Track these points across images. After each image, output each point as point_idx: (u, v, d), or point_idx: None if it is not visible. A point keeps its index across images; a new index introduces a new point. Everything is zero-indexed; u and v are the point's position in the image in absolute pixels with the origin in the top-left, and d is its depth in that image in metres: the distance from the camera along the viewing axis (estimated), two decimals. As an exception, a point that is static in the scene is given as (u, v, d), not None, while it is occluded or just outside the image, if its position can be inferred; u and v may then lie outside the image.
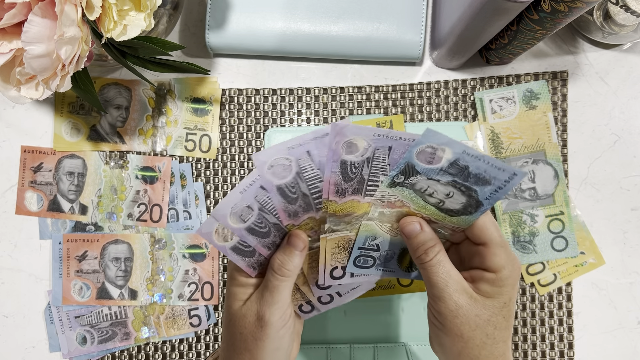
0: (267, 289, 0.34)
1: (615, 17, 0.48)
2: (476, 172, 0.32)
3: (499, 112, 0.52)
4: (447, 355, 0.34)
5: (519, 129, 0.52)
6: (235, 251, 0.34)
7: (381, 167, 0.34)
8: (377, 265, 0.39)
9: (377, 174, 0.34)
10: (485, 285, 0.33)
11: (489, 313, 0.32)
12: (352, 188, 0.34)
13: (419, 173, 0.33)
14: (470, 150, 0.31)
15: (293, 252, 0.34)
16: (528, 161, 0.52)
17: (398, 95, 0.54)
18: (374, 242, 0.38)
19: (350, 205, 0.35)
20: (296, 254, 0.34)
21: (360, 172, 0.34)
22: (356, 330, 0.51)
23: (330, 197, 0.34)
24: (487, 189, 0.32)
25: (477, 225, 0.34)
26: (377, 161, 0.34)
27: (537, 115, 0.52)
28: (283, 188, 0.34)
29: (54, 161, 0.53)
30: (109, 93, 0.54)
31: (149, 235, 0.52)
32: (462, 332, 0.32)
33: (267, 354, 0.34)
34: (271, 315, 0.33)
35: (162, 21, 0.51)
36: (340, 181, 0.34)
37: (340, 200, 0.35)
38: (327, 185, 0.34)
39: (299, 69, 0.54)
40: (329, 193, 0.34)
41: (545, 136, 0.52)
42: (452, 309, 0.32)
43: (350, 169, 0.34)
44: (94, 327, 0.52)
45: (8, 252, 0.53)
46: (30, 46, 0.35)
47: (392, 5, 0.51)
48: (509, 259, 0.33)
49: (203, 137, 0.53)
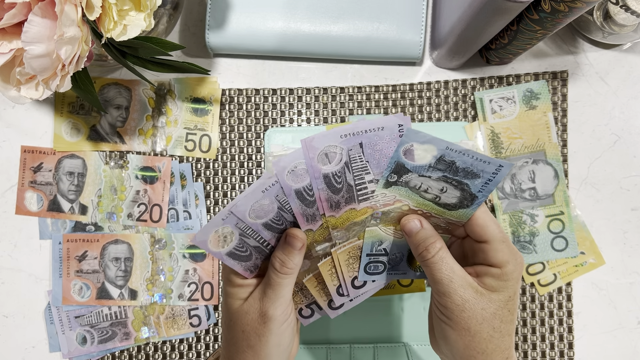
0: (269, 286, 0.35)
1: (615, 17, 0.48)
2: (464, 167, 0.33)
3: (499, 112, 0.52)
4: (453, 350, 0.34)
5: (519, 129, 0.52)
6: (232, 256, 0.35)
7: (361, 167, 0.34)
8: (389, 270, 0.39)
9: (360, 175, 0.34)
10: (490, 280, 0.33)
11: (495, 307, 0.32)
12: (344, 198, 0.35)
13: (410, 171, 0.34)
14: (453, 146, 0.32)
15: (292, 252, 0.34)
16: (528, 161, 0.52)
17: (398, 95, 0.54)
18: (381, 247, 0.38)
19: (348, 215, 0.35)
20: (295, 253, 0.34)
21: (344, 179, 0.34)
22: (356, 330, 0.51)
23: (327, 213, 0.35)
24: (478, 181, 0.33)
25: (478, 223, 0.34)
26: (355, 162, 0.34)
27: (537, 115, 0.52)
28: (330, 177, 0.34)
29: (54, 161, 0.53)
30: (109, 93, 0.54)
31: (149, 235, 0.52)
32: (469, 326, 0.32)
33: (270, 349, 0.35)
34: (274, 310, 0.34)
35: (162, 21, 0.51)
36: (330, 195, 0.34)
37: (338, 213, 0.35)
38: (320, 202, 0.34)
39: (299, 69, 0.54)
40: (324, 210, 0.35)
41: (545, 136, 0.52)
42: (459, 304, 0.32)
43: (334, 180, 0.34)
44: (94, 327, 0.52)
45: (8, 252, 0.53)
46: (30, 46, 0.35)
47: (392, 5, 0.51)
48: (511, 254, 0.33)
49: (203, 137, 0.53)
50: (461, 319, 0.32)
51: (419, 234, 0.35)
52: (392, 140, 0.33)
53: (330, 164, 0.33)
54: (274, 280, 0.34)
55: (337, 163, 0.33)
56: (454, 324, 0.33)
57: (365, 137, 0.33)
